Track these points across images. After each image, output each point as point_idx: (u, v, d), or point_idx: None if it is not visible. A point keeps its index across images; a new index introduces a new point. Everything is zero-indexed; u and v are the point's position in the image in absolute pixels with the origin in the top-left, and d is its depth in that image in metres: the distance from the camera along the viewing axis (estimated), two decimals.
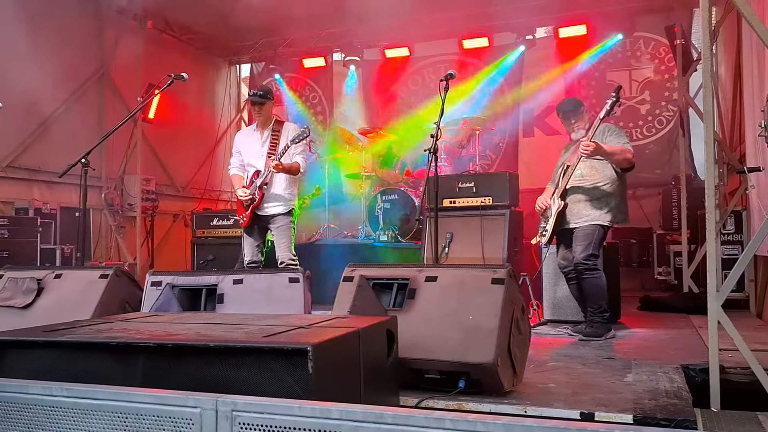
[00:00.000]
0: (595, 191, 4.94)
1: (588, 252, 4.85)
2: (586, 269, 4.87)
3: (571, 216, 4.99)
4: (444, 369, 3.05)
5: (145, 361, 2.19)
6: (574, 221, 4.98)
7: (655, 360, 3.95)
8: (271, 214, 5.40)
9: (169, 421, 1.72)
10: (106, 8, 9.05)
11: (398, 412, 1.52)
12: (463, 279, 3.27)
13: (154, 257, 9.45)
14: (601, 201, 4.92)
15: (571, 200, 4.99)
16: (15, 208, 7.85)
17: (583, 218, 4.94)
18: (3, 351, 2.34)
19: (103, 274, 3.97)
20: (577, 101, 5.30)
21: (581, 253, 4.86)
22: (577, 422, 2.65)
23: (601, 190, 4.93)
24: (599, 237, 4.91)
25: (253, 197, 5.35)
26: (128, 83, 9.42)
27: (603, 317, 4.89)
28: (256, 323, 2.58)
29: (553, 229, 5.02)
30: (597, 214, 4.91)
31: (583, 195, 4.96)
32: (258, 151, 5.49)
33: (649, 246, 8.55)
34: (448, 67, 7.26)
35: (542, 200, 5.16)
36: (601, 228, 4.92)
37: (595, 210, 4.91)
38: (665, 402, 2.93)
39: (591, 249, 4.86)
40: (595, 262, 4.89)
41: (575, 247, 4.92)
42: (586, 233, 4.90)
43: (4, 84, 7.03)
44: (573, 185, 4.98)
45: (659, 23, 8.90)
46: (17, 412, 1.86)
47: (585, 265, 4.86)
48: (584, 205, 4.95)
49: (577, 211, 4.97)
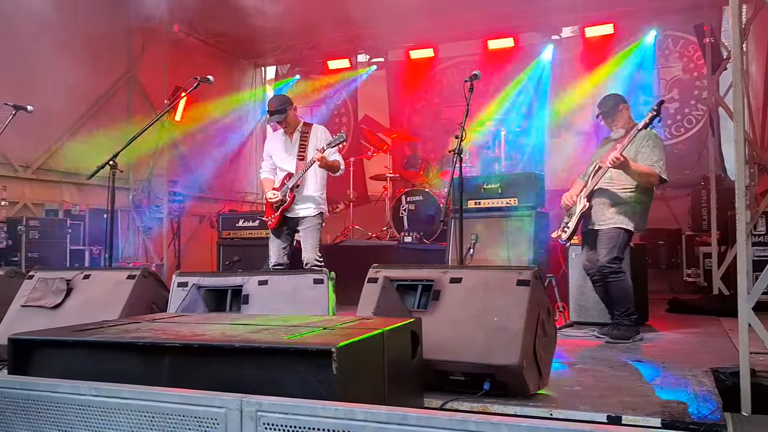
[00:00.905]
0: (621, 196, 4.88)
1: (612, 255, 4.80)
2: (611, 272, 4.81)
3: (595, 218, 4.94)
4: (469, 371, 3.03)
5: (172, 361, 2.21)
6: (598, 223, 4.93)
7: (684, 363, 3.89)
8: (301, 216, 5.43)
9: (194, 421, 1.73)
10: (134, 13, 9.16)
11: (422, 414, 1.51)
12: (488, 280, 3.25)
13: (180, 258, 9.55)
14: (626, 206, 4.86)
15: (596, 202, 4.93)
16: (45, 210, 8.00)
17: (607, 221, 4.88)
18: (34, 350, 2.37)
19: (130, 275, 4.01)
20: (615, 100, 5.09)
21: (605, 257, 4.81)
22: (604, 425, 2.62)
23: (628, 195, 4.87)
24: (623, 240, 4.86)
25: (284, 199, 5.37)
26: (155, 86, 9.54)
27: (630, 320, 4.83)
28: (281, 324, 2.59)
29: (575, 227, 4.98)
30: (621, 219, 4.85)
31: (610, 198, 4.91)
32: (288, 153, 5.53)
33: (678, 247, 8.43)
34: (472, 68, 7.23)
35: (569, 197, 5.11)
36: (625, 232, 4.86)
37: (619, 214, 4.86)
38: (694, 406, 2.87)
39: (615, 252, 4.80)
40: (619, 266, 4.83)
41: (599, 250, 4.87)
42: (610, 236, 4.85)
43: (35, 88, 7.16)
44: (601, 187, 4.92)
45: (688, 21, 8.77)
46: (47, 410, 1.89)
47: (609, 268, 4.81)
48: (609, 208, 4.89)
49: (601, 214, 4.91)
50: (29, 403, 1.93)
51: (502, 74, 10.21)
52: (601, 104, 5.15)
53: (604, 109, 5.09)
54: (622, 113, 5.04)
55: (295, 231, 5.53)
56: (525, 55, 10.13)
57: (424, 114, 11.04)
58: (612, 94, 5.27)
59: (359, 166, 10.22)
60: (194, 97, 8.33)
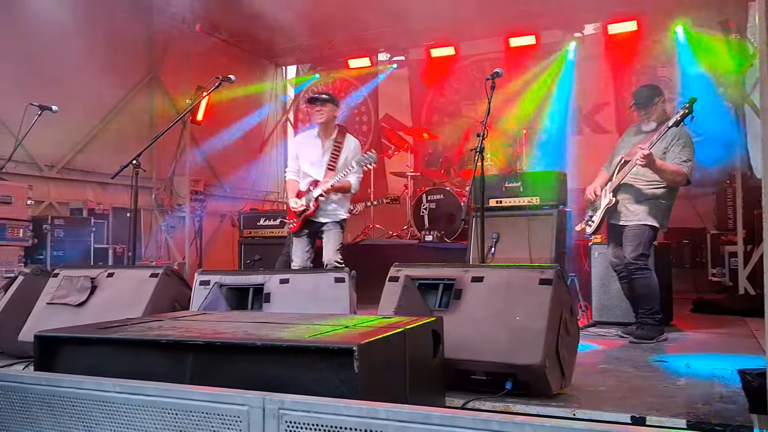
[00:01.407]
0: (648, 192, 4.82)
1: (638, 252, 4.75)
2: (637, 269, 4.76)
3: (622, 214, 4.90)
4: (490, 370, 3.02)
5: (194, 359, 2.22)
6: (623, 219, 4.88)
7: (709, 363, 3.83)
8: (323, 222, 5.35)
9: (217, 419, 1.74)
10: (156, 14, 9.26)
11: (445, 413, 1.51)
12: (510, 279, 3.23)
13: (202, 257, 9.62)
14: (652, 203, 4.81)
15: (622, 197, 4.88)
16: (70, 209, 8.10)
17: (632, 218, 4.83)
18: (59, 347, 2.40)
19: (153, 273, 4.04)
20: (652, 92, 4.97)
21: (631, 253, 4.76)
22: (628, 426, 2.59)
23: (654, 192, 4.81)
24: (649, 237, 4.80)
25: (307, 207, 5.27)
26: (177, 86, 9.62)
27: (655, 319, 4.77)
28: (303, 322, 2.59)
29: (600, 222, 4.94)
30: (646, 215, 4.80)
31: (636, 194, 4.85)
32: (318, 159, 5.36)
33: (703, 246, 8.31)
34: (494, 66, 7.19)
35: (592, 190, 5.07)
36: (650, 229, 4.81)
37: (645, 211, 4.81)
38: (720, 407, 2.84)
39: (641, 249, 4.76)
40: (645, 262, 4.78)
41: (625, 247, 4.83)
42: (635, 233, 4.80)
43: (59, 88, 7.26)
44: (627, 182, 4.86)
45: (713, 18, 8.65)
46: (72, 406, 1.91)
47: (635, 264, 4.76)
48: (635, 204, 4.84)
49: (627, 210, 4.86)
50: (55, 399, 1.95)
51: (524, 72, 10.14)
52: (636, 95, 5.03)
53: (640, 100, 4.96)
54: (657, 106, 4.92)
55: (317, 234, 5.44)
56: (547, 53, 10.06)
57: (445, 112, 11.02)
58: (649, 84, 5.18)
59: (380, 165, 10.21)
60: (216, 96, 8.38)
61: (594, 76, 9.69)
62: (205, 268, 8.56)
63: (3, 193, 6.29)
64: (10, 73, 7.19)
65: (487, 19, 9.76)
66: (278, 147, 12.41)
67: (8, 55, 7.27)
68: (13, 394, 2.00)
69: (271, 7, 8.56)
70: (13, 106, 6.19)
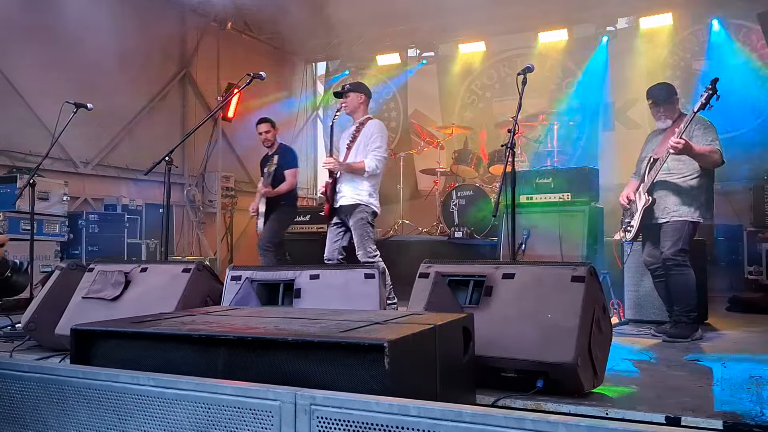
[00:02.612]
0: (683, 185, 4.74)
1: (677, 247, 4.66)
2: (675, 265, 4.68)
3: (659, 211, 4.81)
4: (522, 368, 2.99)
5: (226, 354, 2.24)
6: (662, 217, 4.80)
7: (746, 364, 3.76)
8: (341, 205, 5.44)
9: (249, 413, 1.74)
10: (189, 12, 9.36)
11: (477, 411, 1.49)
12: (542, 276, 3.20)
13: (233, 252, 9.71)
14: (689, 196, 4.72)
15: (658, 195, 4.80)
16: (104, 205, 8.24)
17: (672, 213, 4.75)
18: (94, 340, 2.44)
19: (185, 269, 4.08)
20: (669, 89, 4.96)
21: (670, 249, 4.67)
22: (663, 426, 2.54)
23: (690, 184, 4.73)
24: (689, 232, 4.71)
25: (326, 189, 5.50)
26: (209, 83, 9.73)
27: (689, 317, 4.69)
28: (333, 318, 2.60)
29: (639, 225, 4.85)
30: (686, 210, 4.71)
31: (671, 190, 4.77)
32: (345, 143, 5.60)
33: (739, 244, 8.13)
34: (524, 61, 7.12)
35: (625, 195, 5.00)
36: (690, 224, 4.71)
37: (684, 205, 4.72)
38: (758, 408, 2.77)
39: (680, 244, 4.67)
40: (684, 258, 4.69)
41: (663, 242, 4.74)
42: (675, 228, 4.71)
43: (94, 87, 7.39)
44: (660, 179, 4.79)
45: (751, 9, 8.45)
46: (108, 399, 1.94)
47: (674, 260, 4.67)
48: (672, 200, 4.75)
49: (665, 207, 4.78)
50: (90, 392, 1.98)
51: (555, 67, 10.04)
52: (654, 92, 4.96)
53: (659, 97, 4.92)
54: (674, 104, 4.91)
55: (346, 224, 5.48)
56: (579, 48, 9.95)
57: (475, 108, 10.95)
58: (664, 82, 5.13)
59: (410, 161, 10.19)
60: (246, 93, 8.45)
61: (627, 71, 9.55)
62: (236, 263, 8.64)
63: (40, 190, 6.41)
64: (46, 73, 7.34)
65: (517, 14, 9.68)
66: (308, 143, 12.46)
67: (44, 54, 7.42)
68: (51, 386, 2.04)
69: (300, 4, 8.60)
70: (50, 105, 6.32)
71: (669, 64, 9.39)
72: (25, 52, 7.29)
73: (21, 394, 2.08)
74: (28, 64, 7.31)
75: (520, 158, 7.98)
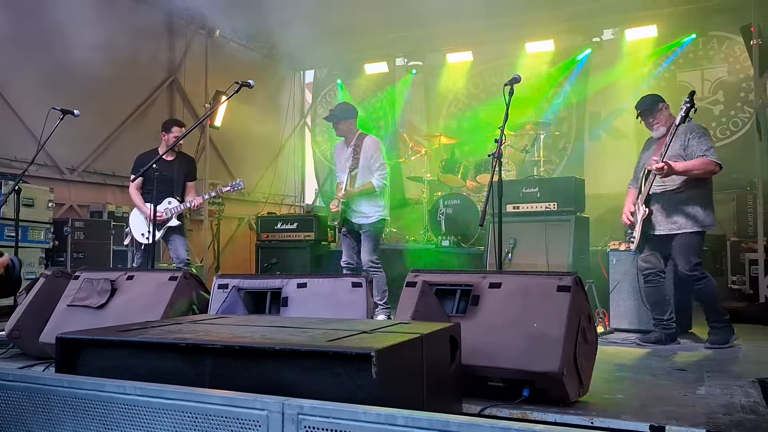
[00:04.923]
0: (679, 196, 4.79)
1: (691, 263, 4.73)
2: (695, 280, 4.75)
3: (657, 222, 4.87)
4: (508, 377, 3.01)
5: (213, 363, 2.23)
6: (660, 228, 4.85)
7: (729, 373, 3.80)
8: (358, 224, 5.82)
9: (236, 423, 1.74)
10: (177, 18, 9.35)
11: (464, 420, 1.50)
12: (528, 286, 3.22)
13: (219, 260, 9.68)
14: (687, 207, 4.77)
15: (655, 207, 4.86)
16: (90, 211, 8.18)
17: (670, 226, 4.80)
18: (80, 349, 2.43)
19: (172, 277, 4.07)
20: (653, 98, 5.10)
21: (685, 266, 4.74)
22: None
23: (685, 194, 4.78)
24: (696, 243, 4.78)
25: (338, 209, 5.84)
26: (196, 90, 9.71)
27: (723, 321, 4.80)
28: (321, 327, 2.60)
29: (640, 235, 4.90)
30: (685, 222, 4.76)
31: (667, 202, 4.83)
32: (343, 165, 5.94)
33: (722, 254, 8.21)
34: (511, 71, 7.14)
35: (626, 210, 5.09)
36: (694, 235, 4.76)
37: (683, 218, 4.77)
38: (741, 417, 2.80)
39: (693, 258, 4.74)
40: (702, 271, 4.75)
41: (677, 260, 4.80)
42: (680, 245, 4.77)
43: (81, 93, 7.35)
44: (656, 191, 4.85)
45: (734, 22, 8.57)
46: (94, 408, 1.93)
47: (692, 276, 4.74)
48: (670, 211, 4.81)
49: (663, 219, 4.84)
50: (76, 401, 1.97)
51: (542, 77, 10.11)
52: (639, 104, 5.12)
53: (643, 108, 5.06)
54: (661, 112, 5.00)
55: (359, 234, 5.86)
56: (565, 58, 10.02)
57: (462, 117, 11.00)
58: (649, 94, 5.25)
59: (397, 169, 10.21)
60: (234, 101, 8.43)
61: (612, 82, 9.64)
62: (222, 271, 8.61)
63: (25, 196, 6.37)
64: (32, 79, 7.29)
65: (504, 25, 9.75)
66: (296, 151, 12.47)
67: (31, 60, 7.37)
68: (35, 395, 2.02)
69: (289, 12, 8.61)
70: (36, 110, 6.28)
71: (654, 76, 9.48)
72: (11, 57, 7.24)
73: (5, 403, 2.07)
74: (14, 70, 7.26)
75: (507, 168, 8.02)
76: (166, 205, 6.09)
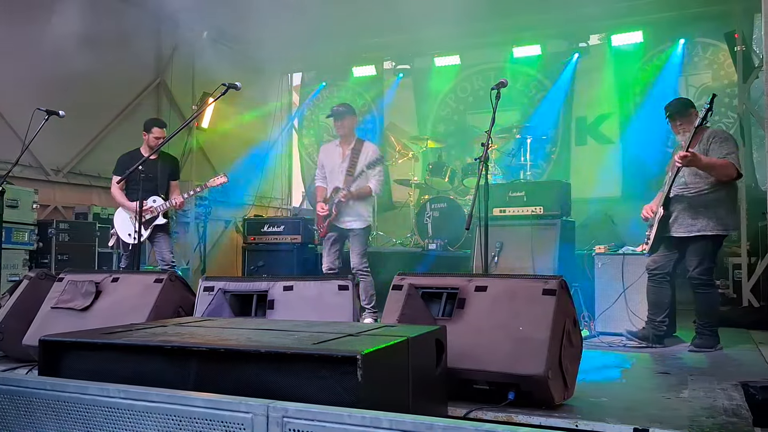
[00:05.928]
0: (699, 199, 4.78)
1: (703, 266, 4.75)
2: (701, 284, 4.77)
3: (675, 225, 4.86)
4: (493, 380, 3.02)
5: (198, 365, 2.23)
6: (677, 230, 4.85)
7: (712, 376, 3.83)
8: (348, 228, 5.81)
9: (221, 426, 1.74)
10: (165, 20, 9.30)
11: (449, 423, 1.51)
12: (514, 289, 3.23)
13: (205, 262, 9.63)
14: (706, 210, 4.75)
15: (675, 209, 4.85)
16: (75, 213, 8.12)
17: (689, 228, 4.79)
18: (64, 352, 2.41)
19: (157, 279, 4.05)
20: (686, 102, 5.10)
21: (696, 268, 4.75)
22: None
23: (706, 197, 4.77)
24: (712, 248, 4.79)
25: (330, 212, 5.79)
26: (183, 92, 9.66)
27: (711, 330, 4.82)
28: (306, 330, 2.60)
29: (654, 236, 4.91)
30: (704, 224, 4.74)
31: (688, 205, 4.82)
32: (338, 167, 5.91)
33: None
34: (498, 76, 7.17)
35: (647, 209, 5.08)
36: (712, 239, 4.76)
37: (702, 221, 4.75)
38: (723, 420, 2.83)
39: (706, 262, 4.76)
40: (710, 277, 4.79)
41: (690, 261, 4.81)
42: (697, 247, 4.78)
43: (65, 93, 7.29)
44: (676, 193, 4.85)
45: (718, 29, 8.66)
46: (77, 411, 1.92)
47: (699, 279, 4.76)
48: (689, 214, 4.80)
49: (682, 221, 4.83)
50: (59, 404, 1.96)
51: (529, 81, 10.17)
52: (671, 106, 5.09)
53: (675, 109, 5.03)
54: (691, 117, 4.92)
55: (345, 238, 5.89)
56: (551, 63, 10.07)
57: (449, 121, 11.03)
58: (681, 97, 5.26)
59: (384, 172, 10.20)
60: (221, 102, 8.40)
61: (598, 87, 9.69)
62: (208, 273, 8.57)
63: (9, 197, 6.31)
64: (17, 78, 7.22)
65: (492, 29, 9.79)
66: (283, 153, 12.44)
67: (15, 60, 7.31)
68: (18, 398, 2.01)
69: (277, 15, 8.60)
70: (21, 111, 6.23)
71: (640, 81, 9.55)
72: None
73: None
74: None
75: (494, 171, 8.05)
76: (151, 203, 6.05)
